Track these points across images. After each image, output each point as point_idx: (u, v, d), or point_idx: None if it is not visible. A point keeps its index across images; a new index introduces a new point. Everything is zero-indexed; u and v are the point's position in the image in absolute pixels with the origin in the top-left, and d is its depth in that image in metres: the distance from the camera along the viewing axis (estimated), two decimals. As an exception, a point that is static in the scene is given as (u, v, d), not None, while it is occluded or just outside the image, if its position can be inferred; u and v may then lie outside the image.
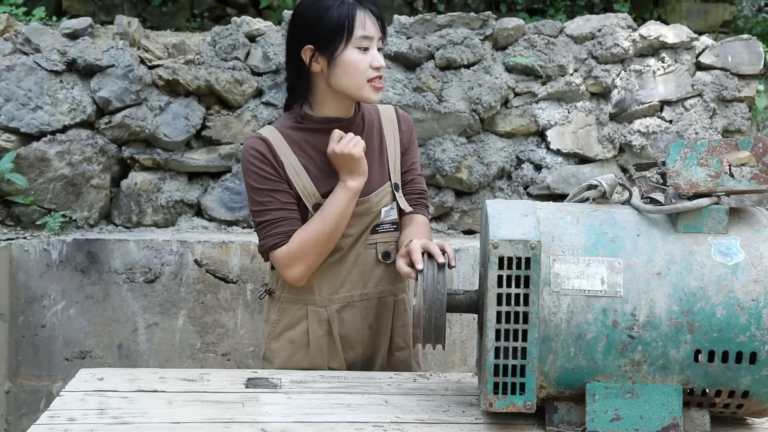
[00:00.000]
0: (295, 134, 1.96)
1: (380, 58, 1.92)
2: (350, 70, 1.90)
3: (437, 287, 1.59)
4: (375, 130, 2.04)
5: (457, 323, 3.47)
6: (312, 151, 1.96)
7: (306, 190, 1.94)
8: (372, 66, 1.90)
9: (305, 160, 1.95)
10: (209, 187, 3.77)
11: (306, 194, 1.94)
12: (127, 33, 3.70)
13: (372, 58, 1.90)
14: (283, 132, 1.96)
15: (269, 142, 1.93)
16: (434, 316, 1.57)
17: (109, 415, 1.62)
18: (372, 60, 1.90)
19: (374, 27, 1.91)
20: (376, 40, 1.91)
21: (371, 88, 1.92)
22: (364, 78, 1.90)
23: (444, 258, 1.66)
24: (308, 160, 1.95)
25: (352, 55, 1.89)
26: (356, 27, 1.88)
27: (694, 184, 1.52)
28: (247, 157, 1.93)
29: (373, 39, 1.91)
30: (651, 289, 1.47)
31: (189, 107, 3.67)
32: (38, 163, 3.60)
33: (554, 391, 1.54)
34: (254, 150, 1.92)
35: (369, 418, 1.62)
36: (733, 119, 3.87)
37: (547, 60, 3.79)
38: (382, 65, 1.91)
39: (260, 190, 1.92)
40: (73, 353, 3.43)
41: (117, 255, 3.41)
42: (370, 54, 1.90)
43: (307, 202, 1.94)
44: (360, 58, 1.90)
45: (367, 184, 1.96)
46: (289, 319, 2.03)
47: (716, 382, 1.50)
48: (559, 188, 3.79)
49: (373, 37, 1.90)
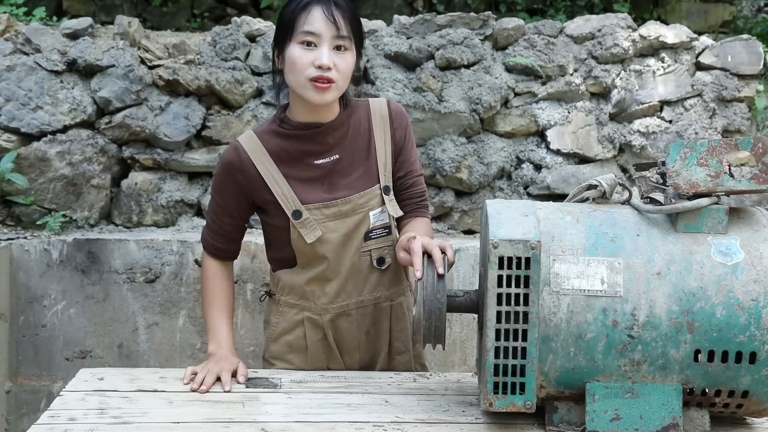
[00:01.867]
0: (272, 140, 1.93)
1: (325, 56, 1.81)
2: (292, 66, 1.85)
3: (437, 291, 1.58)
4: (362, 130, 1.98)
5: (457, 323, 3.47)
6: (288, 158, 1.93)
7: (285, 197, 1.91)
8: (314, 64, 1.82)
9: (284, 167, 1.92)
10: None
11: (285, 200, 1.91)
12: (128, 33, 3.70)
13: (316, 56, 1.82)
14: (262, 138, 1.94)
15: (243, 150, 1.92)
16: (434, 320, 1.57)
17: (110, 414, 1.62)
18: (315, 58, 1.82)
19: (325, 24, 1.82)
20: (327, 38, 1.83)
21: (313, 87, 1.83)
22: (304, 75, 1.83)
23: (443, 269, 1.61)
24: (286, 168, 1.92)
25: (294, 51, 1.84)
26: (299, 22, 1.83)
27: (694, 184, 1.52)
28: (218, 164, 1.97)
29: (321, 36, 1.82)
30: (651, 289, 1.48)
31: (189, 107, 3.68)
32: (38, 163, 3.60)
33: (554, 391, 1.54)
34: (224, 162, 1.94)
35: (369, 418, 1.62)
36: (733, 119, 3.88)
37: (547, 60, 3.80)
38: (324, 64, 1.81)
39: (213, 197, 2.00)
40: (73, 353, 3.43)
41: (117, 255, 3.41)
42: (316, 52, 1.83)
43: (286, 209, 1.90)
44: (300, 54, 1.83)
45: (351, 186, 1.94)
46: (287, 323, 2.02)
47: (716, 382, 1.51)
48: (559, 188, 3.80)
49: (320, 34, 1.82)
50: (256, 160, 1.91)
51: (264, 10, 5.11)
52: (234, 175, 1.91)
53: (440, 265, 1.61)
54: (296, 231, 1.90)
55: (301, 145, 1.93)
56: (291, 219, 1.90)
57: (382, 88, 3.66)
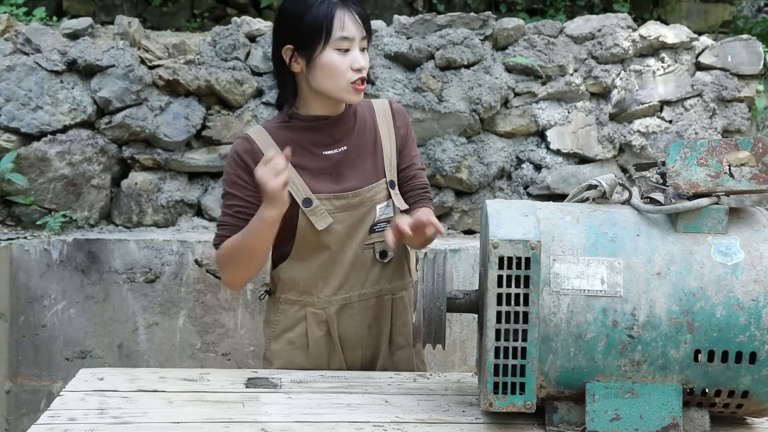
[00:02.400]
0: (282, 133, 1.95)
1: (361, 58, 1.87)
2: (330, 73, 1.86)
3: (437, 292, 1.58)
4: (368, 126, 2.02)
5: (457, 323, 3.47)
6: (298, 149, 1.93)
7: (295, 185, 1.91)
8: (353, 68, 1.85)
9: (293, 158, 1.91)
10: (209, 187, 3.77)
11: (295, 189, 1.91)
12: (128, 33, 3.70)
13: (352, 60, 1.85)
14: (271, 131, 1.95)
15: (253, 142, 1.93)
16: (434, 322, 1.57)
17: (110, 414, 1.62)
18: (353, 61, 1.85)
19: (355, 27, 1.86)
20: (357, 41, 1.86)
21: (352, 89, 1.87)
22: (345, 80, 1.86)
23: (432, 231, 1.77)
24: (296, 159, 1.92)
25: (332, 57, 1.85)
26: (335, 28, 1.84)
27: (694, 184, 1.52)
28: (228, 158, 1.96)
29: (354, 40, 1.86)
30: (651, 289, 1.48)
31: (189, 107, 3.68)
32: (38, 163, 3.60)
33: (554, 391, 1.54)
34: (235, 153, 1.94)
35: (369, 418, 1.62)
36: (733, 119, 3.88)
37: (547, 60, 3.80)
38: (362, 66, 1.86)
39: (226, 192, 1.96)
40: (73, 353, 3.43)
41: (117, 255, 3.41)
42: (351, 55, 1.86)
43: (297, 197, 1.91)
44: (339, 60, 1.85)
45: (359, 178, 1.96)
46: (289, 321, 2.02)
47: (716, 382, 1.51)
48: (559, 188, 3.80)
49: (353, 38, 1.85)
50: (266, 151, 1.92)
51: (264, 10, 5.11)
52: (248, 163, 1.92)
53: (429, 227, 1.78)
54: (305, 218, 1.92)
55: (310, 136, 1.95)
56: (301, 206, 1.92)
57: (382, 88, 3.66)
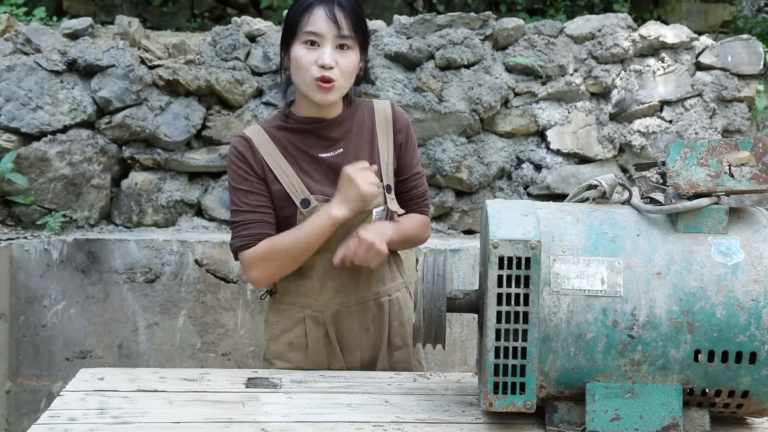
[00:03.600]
0: (279, 133, 1.96)
1: (327, 56, 1.85)
2: (296, 66, 1.89)
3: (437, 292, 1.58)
4: (366, 130, 2.01)
5: (457, 323, 3.47)
6: (295, 150, 1.95)
7: (293, 186, 1.92)
8: (317, 63, 1.86)
9: (290, 159, 1.95)
10: (209, 187, 3.77)
11: (293, 190, 1.92)
12: (128, 33, 3.70)
13: (318, 56, 1.86)
14: (268, 131, 1.96)
15: (251, 141, 1.94)
16: (434, 322, 1.57)
17: (110, 414, 1.62)
18: (318, 57, 1.86)
19: (327, 24, 1.85)
20: (330, 38, 1.86)
21: (316, 86, 1.87)
22: (309, 75, 1.87)
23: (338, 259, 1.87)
24: (293, 160, 1.94)
25: (298, 50, 1.88)
26: (303, 22, 1.86)
27: (694, 184, 1.52)
28: (229, 156, 1.96)
29: (324, 36, 1.85)
30: (651, 289, 1.48)
31: (189, 107, 3.68)
32: (39, 163, 3.60)
33: (554, 391, 1.54)
34: (235, 149, 1.94)
35: (369, 418, 1.62)
36: (733, 119, 3.88)
37: (547, 60, 3.80)
38: (326, 63, 1.84)
39: (236, 189, 1.94)
40: (73, 353, 3.43)
41: (117, 255, 3.41)
42: (319, 51, 1.86)
43: (295, 198, 1.92)
44: (303, 53, 1.87)
45: None
46: (288, 321, 2.03)
47: (716, 382, 1.51)
48: (559, 188, 3.80)
49: (322, 34, 1.85)
50: (264, 151, 1.93)
51: (264, 10, 5.11)
52: (248, 161, 1.93)
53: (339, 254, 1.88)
54: (303, 219, 1.92)
55: (306, 139, 1.96)
56: (299, 207, 1.92)
57: (382, 88, 3.66)
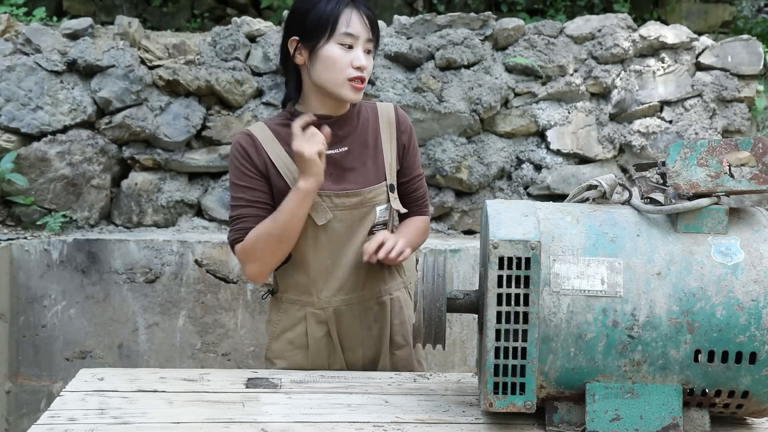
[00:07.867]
0: (283, 130, 1.96)
1: (363, 58, 1.89)
2: (329, 66, 1.89)
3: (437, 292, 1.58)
4: (370, 129, 2.03)
5: (457, 323, 3.47)
6: None
7: (296, 181, 1.91)
8: (353, 65, 1.88)
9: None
10: (209, 187, 3.77)
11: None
12: (128, 33, 3.70)
13: (354, 57, 1.88)
14: (273, 128, 1.97)
15: (255, 137, 1.94)
16: (434, 322, 1.57)
17: (110, 415, 1.62)
18: (354, 59, 1.88)
19: (361, 26, 1.89)
20: (362, 41, 1.89)
21: (350, 86, 1.89)
22: (344, 75, 1.88)
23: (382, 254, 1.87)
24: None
25: (333, 50, 1.88)
26: (340, 23, 1.87)
27: (694, 184, 1.52)
28: (232, 151, 1.96)
29: (358, 38, 1.89)
30: (651, 289, 1.48)
31: (189, 107, 3.68)
32: (39, 163, 3.60)
33: (554, 391, 1.54)
34: (238, 145, 1.95)
35: (369, 418, 1.62)
36: (733, 119, 3.88)
37: (547, 60, 3.80)
38: (363, 65, 1.89)
39: (236, 185, 1.94)
40: (73, 353, 3.43)
41: (117, 255, 3.41)
42: (353, 53, 1.89)
43: None
44: (341, 54, 1.88)
45: (360, 179, 1.97)
46: (289, 320, 2.03)
47: (716, 382, 1.51)
48: (559, 188, 3.80)
49: (358, 36, 1.88)
50: (268, 147, 1.94)
51: (264, 11, 5.11)
52: (251, 157, 1.93)
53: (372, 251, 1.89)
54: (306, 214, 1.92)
55: None
56: None
57: (382, 89, 3.66)
